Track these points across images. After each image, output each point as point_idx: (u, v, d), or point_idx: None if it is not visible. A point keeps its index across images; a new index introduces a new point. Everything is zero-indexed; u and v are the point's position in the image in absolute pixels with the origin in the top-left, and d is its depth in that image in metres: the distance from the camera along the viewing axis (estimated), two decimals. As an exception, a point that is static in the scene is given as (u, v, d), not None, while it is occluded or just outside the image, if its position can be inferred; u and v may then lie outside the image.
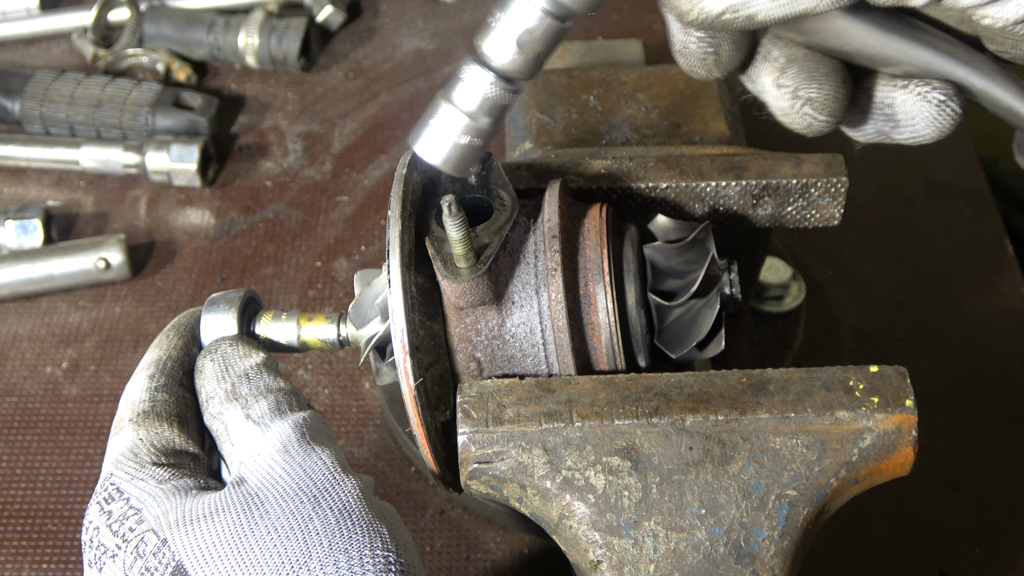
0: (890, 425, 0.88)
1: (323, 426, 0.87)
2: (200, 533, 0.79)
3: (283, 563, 0.78)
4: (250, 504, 0.80)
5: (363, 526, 0.80)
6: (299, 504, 0.80)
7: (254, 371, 0.88)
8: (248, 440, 0.85)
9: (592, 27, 1.73)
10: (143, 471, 0.84)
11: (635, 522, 0.86)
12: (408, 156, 0.94)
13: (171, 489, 0.83)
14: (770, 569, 0.85)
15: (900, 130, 0.85)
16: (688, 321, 0.94)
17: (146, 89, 1.54)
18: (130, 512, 0.82)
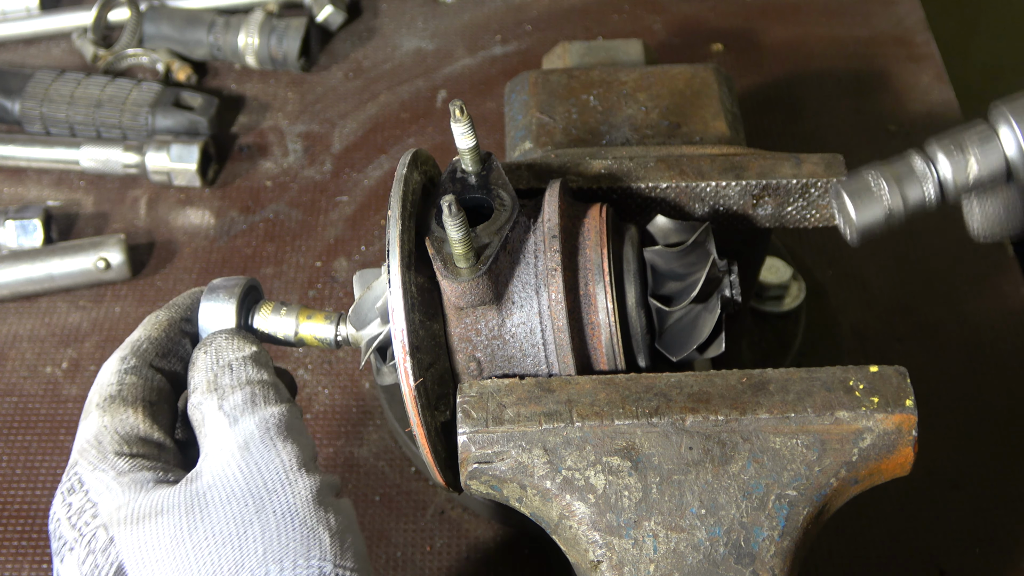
0: (890, 425, 0.88)
1: (296, 422, 0.86)
2: (142, 534, 0.79)
3: (214, 571, 0.78)
4: (194, 505, 0.80)
5: (303, 533, 0.80)
6: (243, 507, 0.80)
7: (238, 362, 0.88)
8: (216, 432, 0.84)
9: (592, 27, 1.73)
10: (105, 461, 0.84)
11: (635, 522, 0.86)
12: (408, 156, 0.94)
13: (128, 482, 0.83)
14: (770, 569, 0.85)
15: None
16: (688, 324, 0.94)
17: (146, 89, 1.54)
18: (87, 505, 0.82)
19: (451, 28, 1.74)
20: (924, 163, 0.88)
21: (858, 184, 0.89)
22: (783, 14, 1.74)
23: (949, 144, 0.87)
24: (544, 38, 1.71)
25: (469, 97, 1.63)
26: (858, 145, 1.56)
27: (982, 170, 0.87)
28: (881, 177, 0.88)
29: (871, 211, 0.88)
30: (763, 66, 1.67)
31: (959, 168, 0.87)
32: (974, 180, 0.87)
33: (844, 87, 1.64)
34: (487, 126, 1.57)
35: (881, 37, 1.71)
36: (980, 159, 0.86)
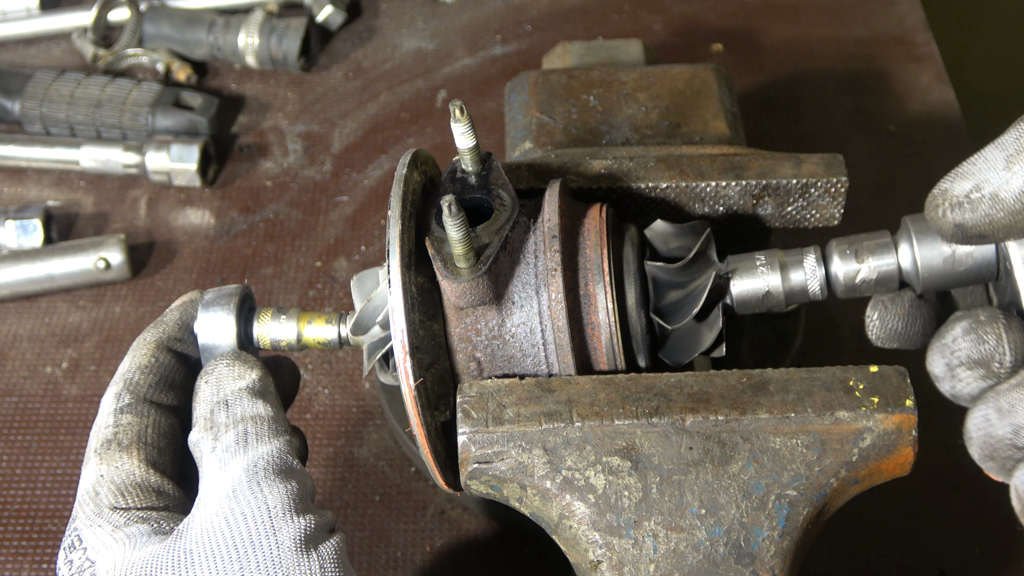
0: (890, 425, 0.88)
1: (287, 459, 0.85)
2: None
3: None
4: (181, 564, 0.80)
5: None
6: (227, 563, 0.79)
7: (235, 396, 0.88)
8: (208, 477, 0.85)
9: (592, 27, 1.73)
10: (100, 516, 0.85)
11: (635, 522, 0.86)
12: (408, 156, 0.94)
13: (123, 537, 0.83)
14: (770, 569, 0.85)
15: None
16: (690, 332, 0.94)
17: (146, 89, 1.54)
18: (86, 564, 0.84)
19: (451, 28, 1.74)
20: (816, 261, 0.95)
21: (745, 260, 0.95)
22: (783, 14, 1.74)
23: (846, 248, 0.94)
24: (544, 38, 1.71)
25: (469, 97, 1.63)
26: (858, 145, 1.56)
27: (870, 277, 0.93)
28: (768, 261, 0.95)
29: (750, 284, 0.95)
30: (763, 66, 1.67)
31: (848, 271, 0.94)
32: (861, 284, 0.94)
33: (844, 87, 1.64)
34: (487, 126, 1.57)
35: (881, 37, 1.71)
36: (871, 267, 0.93)
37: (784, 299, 0.95)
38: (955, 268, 0.92)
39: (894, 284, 0.94)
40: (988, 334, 0.86)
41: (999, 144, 0.84)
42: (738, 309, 0.96)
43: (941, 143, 1.57)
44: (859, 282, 0.94)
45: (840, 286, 0.94)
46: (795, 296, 0.95)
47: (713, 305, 0.94)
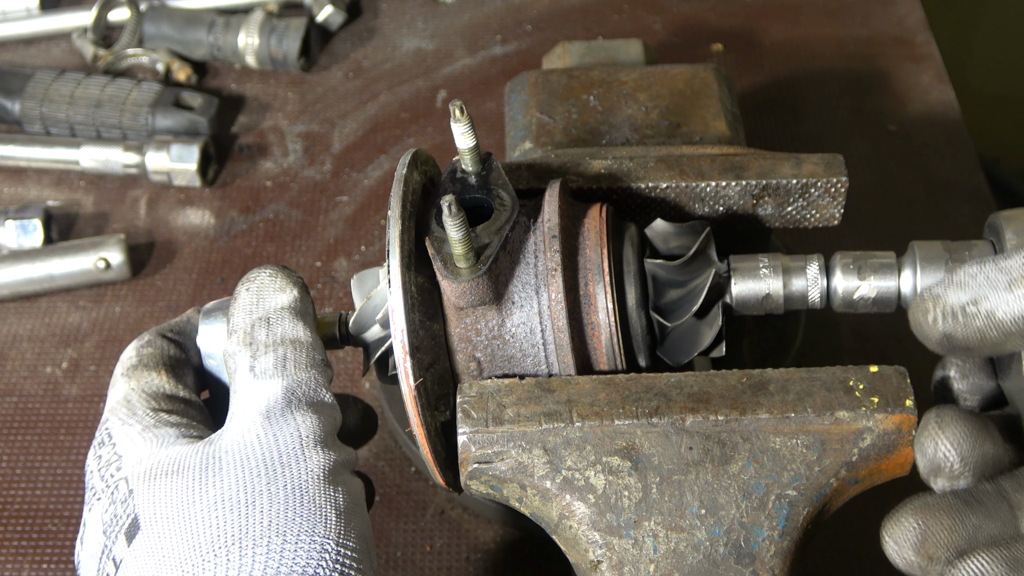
0: (890, 425, 0.88)
1: (322, 392, 0.87)
2: (158, 491, 0.81)
3: (220, 535, 0.79)
4: (209, 467, 0.82)
5: (310, 509, 0.81)
6: (255, 476, 0.81)
7: (276, 315, 0.89)
8: (243, 393, 0.86)
9: (592, 27, 1.73)
10: (133, 416, 0.87)
11: (635, 522, 0.86)
12: (408, 156, 0.94)
13: (152, 437, 0.85)
14: (770, 569, 0.85)
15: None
16: (690, 331, 0.94)
17: (146, 89, 1.54)
18: (114, 458, 0.85)
19: (451, 28, 1.74)
20: (819, 270, 0.95)
21: (748, 261, 0.96)
22: (783, 14, 1.74)
23: (850, 263, 0.94)
24: (544, 38, 1.71)
25: (469, 97, 1.63)
26: (858, 145, 1.56)
27: (868, 295, 0.94)
28: (771, 265, 0.95)
29: (751, 286, 0.95)
30: (763, 66, 1.67)
31: (849, 287, 0.94)
32: (859, 301, 0.95)
33: (844, 87, 1.64)
34: (487, 126, 1.57)
35: (881, 37, 1.71)
36: (871, 286, 0.94)
37: (783, 304, 0.96)
38: None
39: (892, 306, 0.95)
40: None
41: (1003, 267, 0.83)
42: (738, 310, 0.96)
43: (941, 143, 1.57)
44: (857, 299, 0.95)
45: (838, 300, 0.95)
46: (794, 302, 0.96)
47: (712, 303, 0.94)
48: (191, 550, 0.79)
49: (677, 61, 1.62)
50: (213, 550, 0.78)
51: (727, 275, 0.95)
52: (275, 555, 0.78)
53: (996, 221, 0.93)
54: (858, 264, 0.94)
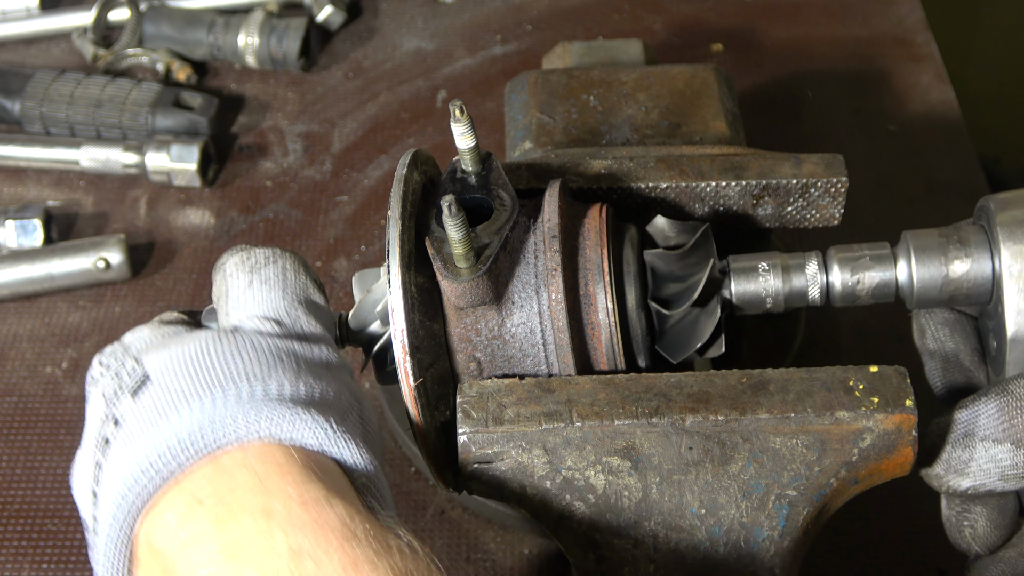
0: (890, 425, 0.88)
1: (314, 293, 0.90)
2: (170, 351, 0.83)
3: (242, 374, 0.80)
4: (225, 333, 0.84)
5: (335, 373, 0.84)
6: (275, 346, 0.83)
7: (270, 250, 0.91)
8: (246, 303, 0.88)
9: (592, 27, 1.73)
10: (145, 326, 0.89)
11: (635, 522, 0.86)
12: (408, 156, 0.94)
13: (163, 332, 0.88)
14: (770, 569, 0.85)
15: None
16: (688, 326, 0.94)
17: (146, 89, 1.54)
18: (119, 348, 0.87)
19: (451, 28, 1.74)
20: (818, 267, 0.95)
21: (747, 261, 0.96)
22: (783, 14, 1.74)
23: (845, 257, 0.95)
24: (544, 38, 1.71)
25: (469, 97, 1.63)
26: (858, 145, 1.56)
27: (866, 288, 0.95)
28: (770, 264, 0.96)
29: (751, 285, 0.96)
30: (763, 66, 1.67)
31: (846, 281, 0.95)
32: (858, 294, 0.95)
33: (844, 87, 1.64)
34: (487, 126, 1.56)
35: (881, 37, 1.71)
36: (868, 278, 0.95)
37: (783, 302, 0.96)
38: (950, 289, 0.93)
39: (890, 297, 0.95)
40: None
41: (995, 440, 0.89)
42: (738, 310, 0.96)
43: (941, 143, 1.57)
44: (855, 292, 0.95)
45: (837, 295, 0.95)
46: (794, 300, 0.96)
47: (711, 296, 0.94)
48: (203, 383, 0.80)
49: (677, 61, 1.62)
50: (221, 383, 0.80)
51: (726, 270, 0.95)
52: (303, 391, 0.81)
53: (987, 205, 0.93)
54: (853, 258, 0.95)
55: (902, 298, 0.95)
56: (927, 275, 0.93)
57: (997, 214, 0.91)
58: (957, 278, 0.92)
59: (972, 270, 0.92)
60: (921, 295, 0.93)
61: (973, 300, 0.93)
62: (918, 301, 0.94)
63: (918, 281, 0.93)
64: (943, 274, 0.92)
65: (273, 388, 0.80)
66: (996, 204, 0.92)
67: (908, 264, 0.94)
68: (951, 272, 0.92)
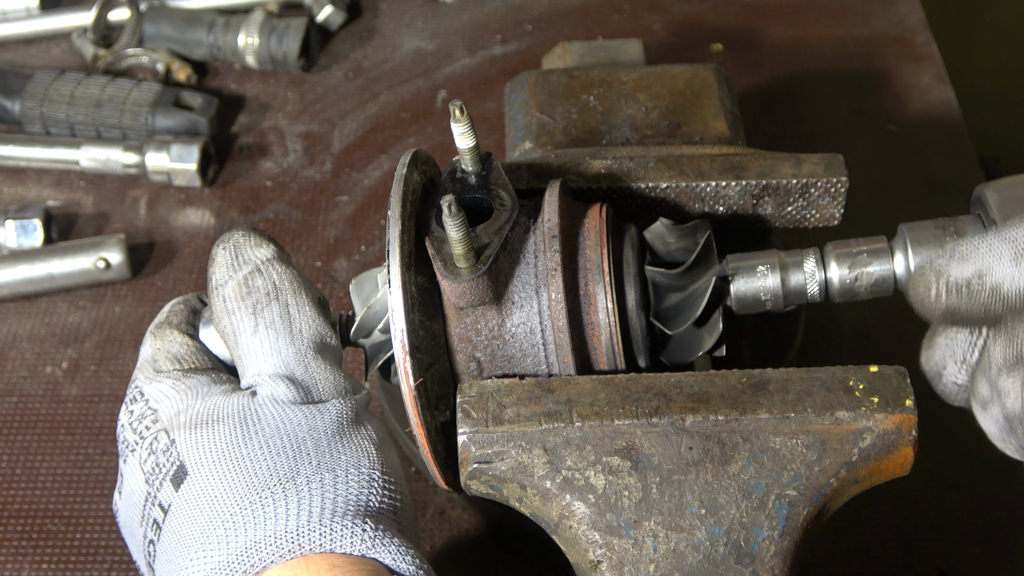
0: (890, 425, 0.88)
1: (327, 333, 0.90)
2: (201, 439, 0.85)
3: (273, 475, 0.83)
4: (249, 418, 0.85)
5: (352, 447, 0.86)
6: (294, 425, 0.85)
7: (265, 266, 0.90)
8: (256, 355, 0.88)
9: (592, 27, 1.73)
10: (160, 374, 0.90)
11: (635, 522, 0.86)
12: (408, 156, 0.94)
13: (184, 388, 0.88)
14: (770, 569, 0.85)
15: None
16: (690, 337, 0.94)
17: (146, 89, 1.54)
18: (148, 412, 0.88)
19: (451, 28, 1.74)
20: (816, 263, 0.95)
21: (745, 260, 0.96)
22: (783, 14, 1.74)
23: (842, 252, 0.95)
24: (544, 38, 1.71)
25: (469, 97, 1.63)
26: (858, 145, 1.56)
27: (865, 282, 0.95)
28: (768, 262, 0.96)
29: (750, 285, 0.96)
30: (763, 66, 1.67)
31: (844, 276, 0.95)
32: (856, 289, 0.95)
33: (844, 87, 1.64)
34: (487, 126, 1.56)
35: (881, 37, 1.71)
36: (866, 272, 0.94)
37: (783, 301, 0.96)
38: None
39: (889, 291, 0.95)
40: None
41: (1006, 236, 0.83)
42: (737, 309, 0.96)
43: (941, 143, 1.57)
44: (854, 287, 0.95)
45: (836, 290, 0.95)
46: (793, 298, 0.96)
47: (713, 308, 0.94)
48: (246, 489, 0.83)
49: (677, 61, 1.62)
50: (269, 488, 0.83)
51: (726, 275, 0.95)
52: (329, 488, 0.83)
53: (981, 193, 0.93)
54: (851, 252, 0.95)
55: (901, 292, 0.95)
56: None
57: (993, 201, 0.91)
58: None
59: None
60: None
61: None
62: None
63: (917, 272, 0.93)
64: None
65: (304, 494, 0.83)
66: (991, 191, 0.92)
67: (905, 257, 0.93)
68: None
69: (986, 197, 0.92)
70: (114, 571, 1.19)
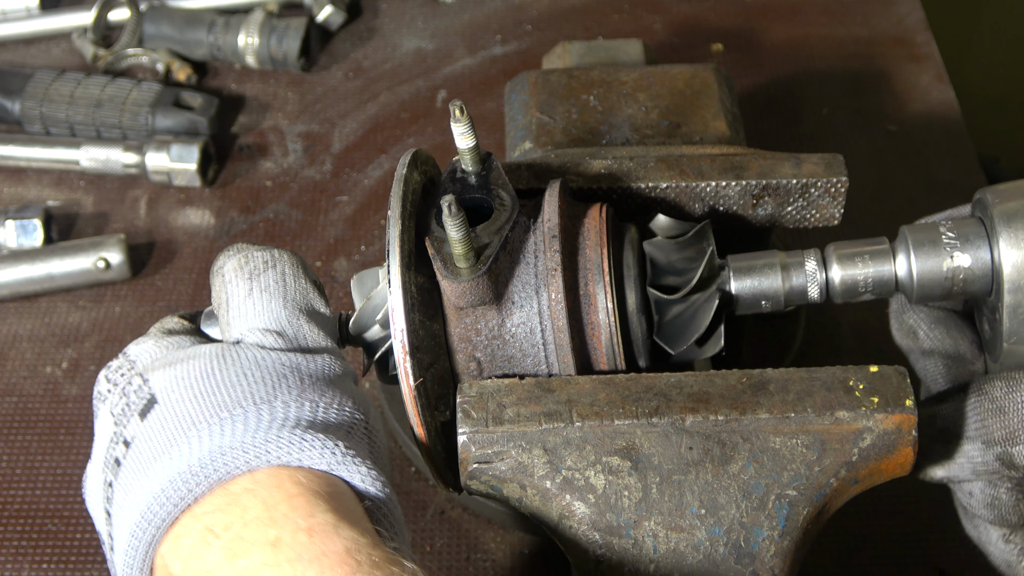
0: (890, 425, 0.88)
1: (317, 300, 0.90)
2: (175, 372, 0.84)
3: (240, 397, 0.82)
4: (226, 354, 0.84)
5: (338, 388, 0.85)
6: (278, 363, 0.84)
7: (266, 250, 0.91)
8: (247, 314, 0.88)
9: (592, 27, 1.73)
10: (147, 336, 0.90)
11: (635, 522, 0.86)
12: (408, 156, 0.94)
13: (166, 344, 0.88)
14: (770, 569, 0.85)
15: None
16: (687, 317, 0.94)
17: (146, 89, 1.54)
18: (125, 364, 0.88)
19: (451, 28, 1.74)
20: (817, 264, 0.95)
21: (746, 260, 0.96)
22: (783, 14, 1.74)
23: (844, 253, 0.95)
24: (544, 38, 1.71)
25: (469, 97, 1.63)
26: (858, 145, 1.56)
27: (866, 283, 0.95)
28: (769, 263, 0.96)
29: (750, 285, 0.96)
30: (763, 66, 1.67)
31: (845, 277, 0.95)
32: (858, 290, 0.95)
33: (844, 87, 1.64)
34: (487, 126, 1.56)
35: (881, 37, 1.71)
36: (867, 274, 0.94)
37: (783, 301, 0.96)
38: (950, 282, 0.93)
39: (890, 292, 0.95)
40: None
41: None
42: (738, 310, 0.96)
43: (941, 143, 1.57)
44: (855, 288, 0.95)
45: (837, 291, 0.95)
46: (794, 298, 0.96)
47: (710, 280, 0.94)
48: (216, 407, 0.81)
49: (677, 61, 1.62)
50: (242, 406, 0.81)
51: (725, 264, 0.95)
52: (307, 411, 0.82)
53: (984, 197, 0.93)
54: (852, 254, 0.95)
55: (902, 292, 0.95)
56: (927, 268, 0.93)
57: (994, 206, 0.91)
58: (957, 270, 0.92)
59: (971, 262, 0.92)
60: (922, 288, 0.93)
61: (972, 292, 0.93)
62: (919, 295, 0.94)
63: (918, 274, 0.93)
64: (943, 267, 0.92)
65: (279, 410, 0.81)
66: (993, 195, 0.92)
67: (907, 258, 0.93)
68: (950, 264, 0.92)
69: (988, 203, 0.92)
70: (114, 571, 1.19)
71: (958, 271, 0.92)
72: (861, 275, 0.94)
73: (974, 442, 0.92)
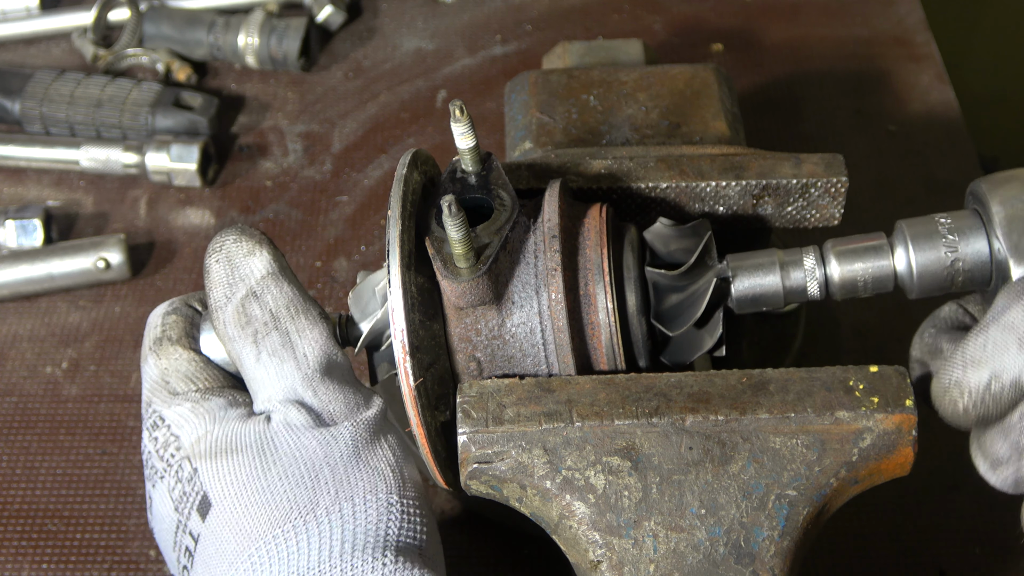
0: (890, 425, 0.88)
1: (331, 349, 0.89)
2: (221, 469, 0.86)
3: (293, 507, 0.84)
4: (266, 447, 0.86)
5: (368, 472, 0.86)
6: (310, 452, 0.86)
7: (260, 285, 0.90)
8: (263, 382, 0.88)
9: (592, 27, 1.73)
10: (176, 396, 0.90)
11: (635, 522, 0.86)
12: (408, 156, 0.94)
13: (203, 412, 0.89)
14: (770, 569, 0.85)
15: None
16: (687, 303, 0.94)
17: (146, 89, 1.54)
18: (171, 439, 0.89)
19: (451, 28, 1.74)
20: (815, 261, 0.95)
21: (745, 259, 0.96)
22: (783, 14, 1.74)
23: (841, 249, 0.94)
24: (544, 38, 1.71)
25: (469, 97, 1.63)
26: (858, 145, 1.56)
27: (865, 279, 0.94)
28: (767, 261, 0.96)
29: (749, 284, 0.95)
30: (763, 66, 1.67)
31: (844, 273, 0.94)
32: (857, 286, 0.95)
33: (844, 87, 1.64)
34: (487, 126, 1.57)
35: (881, 37, 1.71)
36: (866, 269, 0.94)
37: (783, 299, 0.96)
38: (950, 274, 0.92)
39: (889, 287, 0.95)
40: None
41: (1006, 325, 0.84)
42: (737, 309, 0.96)
43: (941, 143, 1.57)
44: (854, 284, 0.94)
45: (836, 287, 0.95)
46: (794, 296, 0.96)
47: (714, 309, 0.94)
48: (267, 522, 0.83)
49: (677, 61, 1.62)
50: (291, 520, 0.83)
51: (728, 278, 0.95)
52: (348, 520, 0.84)
53: (978, 189, 0.93)
54: (850, 250, 0.94)
55: (901, 287, 0.95)
56: (926, 261, 0.92)
57: (989, 194, 0.91)
58: (956, 262, 0.92)
59: (970, 253, 0.92)
60: (922, 282, 0.93)
61: (973, 284, 0.93)
62: (919, 288, 0.93)
63: (918, 268, 0.92)
64: (941, 259, 0.92)
65: (324, 523, 0.84)
66: (987, 185, 0.92)
67: (906, 252, 0.93)
68: (949, 256, 0.92)
69: (983, 192, 0.92)
70: (114, 571, 1.19)
71: (957, 262, 0.92)
72: (859, 271, 0.94)
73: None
